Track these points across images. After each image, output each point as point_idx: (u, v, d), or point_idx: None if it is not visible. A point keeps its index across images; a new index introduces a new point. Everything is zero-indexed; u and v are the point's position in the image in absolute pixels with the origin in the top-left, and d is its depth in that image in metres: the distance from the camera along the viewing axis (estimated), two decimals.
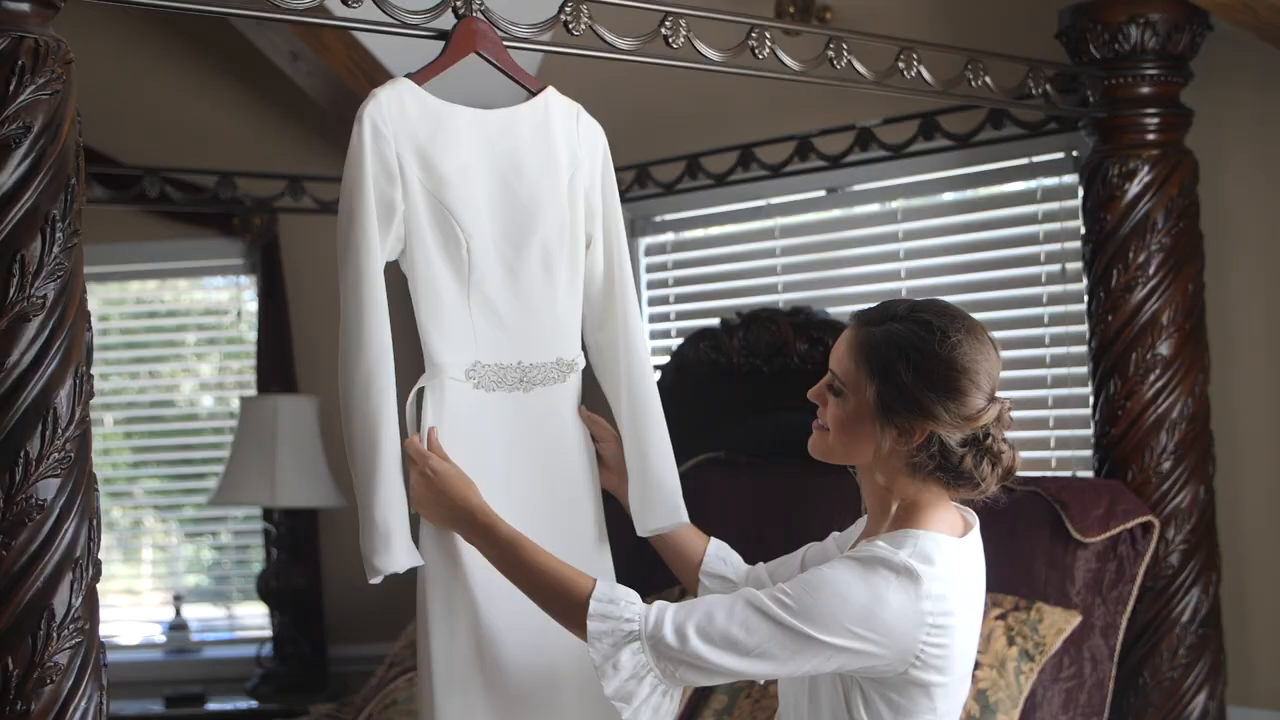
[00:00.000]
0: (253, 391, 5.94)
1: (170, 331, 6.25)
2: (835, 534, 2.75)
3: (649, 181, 4.98)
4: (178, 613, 6.03)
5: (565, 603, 2.42)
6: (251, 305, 6.10)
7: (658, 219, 5.16)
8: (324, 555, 5.85)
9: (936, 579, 2.34)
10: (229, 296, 6.28)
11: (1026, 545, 3.55)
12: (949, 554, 2.39)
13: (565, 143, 2.76)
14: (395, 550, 2.56)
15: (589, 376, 2.85)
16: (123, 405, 6.14)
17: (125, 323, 6.12)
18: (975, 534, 2.49)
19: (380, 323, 2.55)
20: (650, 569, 4.05)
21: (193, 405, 6.27)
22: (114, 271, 5.90)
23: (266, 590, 5.64)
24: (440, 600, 2.63)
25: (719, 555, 2.83)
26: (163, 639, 6.06)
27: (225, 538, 6.25)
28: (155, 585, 6.26)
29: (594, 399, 2.87)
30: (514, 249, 2.68)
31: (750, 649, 2.32)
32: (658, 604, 2.38)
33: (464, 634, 2.62)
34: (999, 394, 2.43)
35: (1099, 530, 3.54)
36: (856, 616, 2.30)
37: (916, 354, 2.39)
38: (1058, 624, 3.42)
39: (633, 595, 2.40)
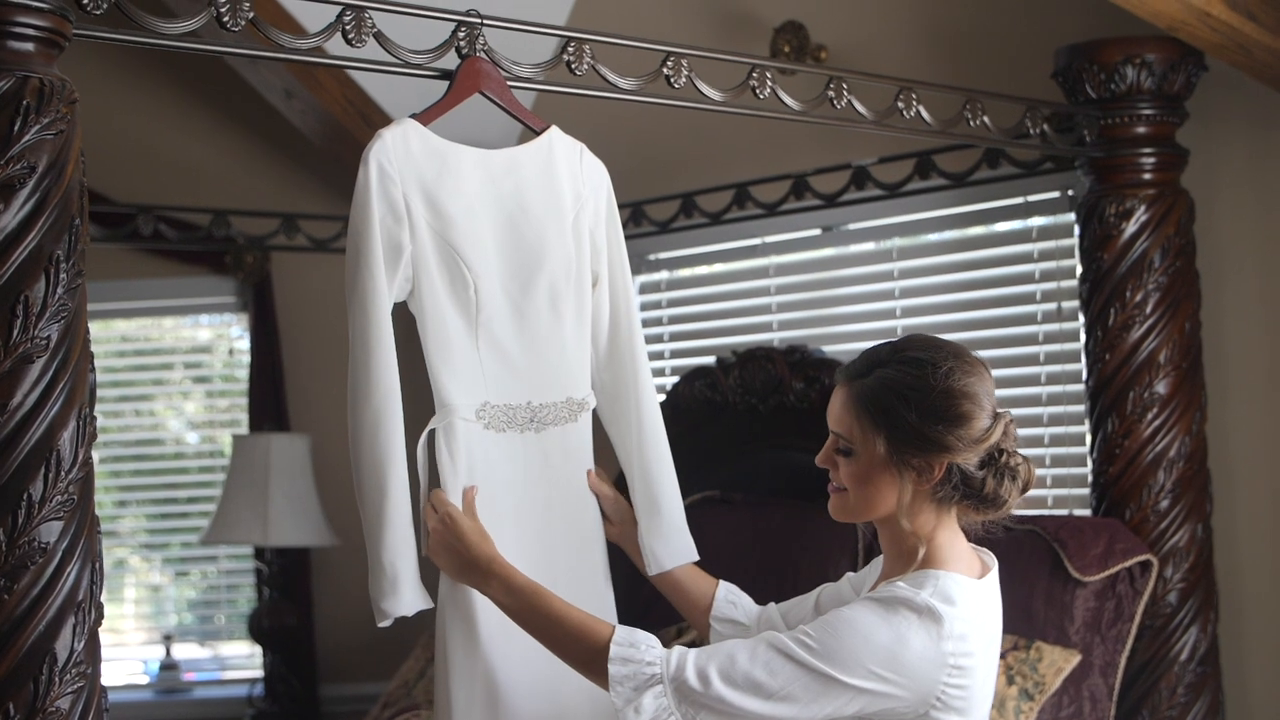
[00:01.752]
0: (239, 429, 5.93)
1: (156, 370, 6.23)
2: (850, 575, 2.74)
3: (644, 220, 4.98)
4: (168, 652, 5.99)
5: (585, 649, 2.41)
6: (238, 343, 6.09)
7: (652, 257, 5.16)
8: (316, 594, 5.82)
9: (959, 619, 2.34)
10: (215, 335, 6.27)
11: (1025, 584, 3.54)
12: (969, 595, 2.39)
13: (570, 181, 2.77)
14: (403, 594, 2.55)
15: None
16: (106, 443, 6.10)
17: (110, 360, 6.09)
18: (993, 576, 2.49)
19: (389, 365, 2.55)
20: (646, 608, 4.04)
21: (179, 443, 6.24)
22: (105, 309, 5.88)
23: (258, 629, 5.60)
24: (460, 644, 2.61)
25: (729, 599, 2.82)
26: (145, 679, 6.02)
27: (212, 576, 6.21)
28: (138, 625, 6.23)
29: (597, 437, 2.87)
30: (521, 289, 2.68)
31: (773, 691, 2.31)
32: (678, 648, 2.37)
33: (481, 679, 2.61)
34: (999, 410, 2.45)
35: (1097, 569, 3.54)
36: (879, 658, 2.30)
37: (914, 392, 2.40)
38: (1057, 663, 3.42)
39: (652, 639, 2.39)
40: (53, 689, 2.15)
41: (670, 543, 2.87)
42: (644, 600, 4.03)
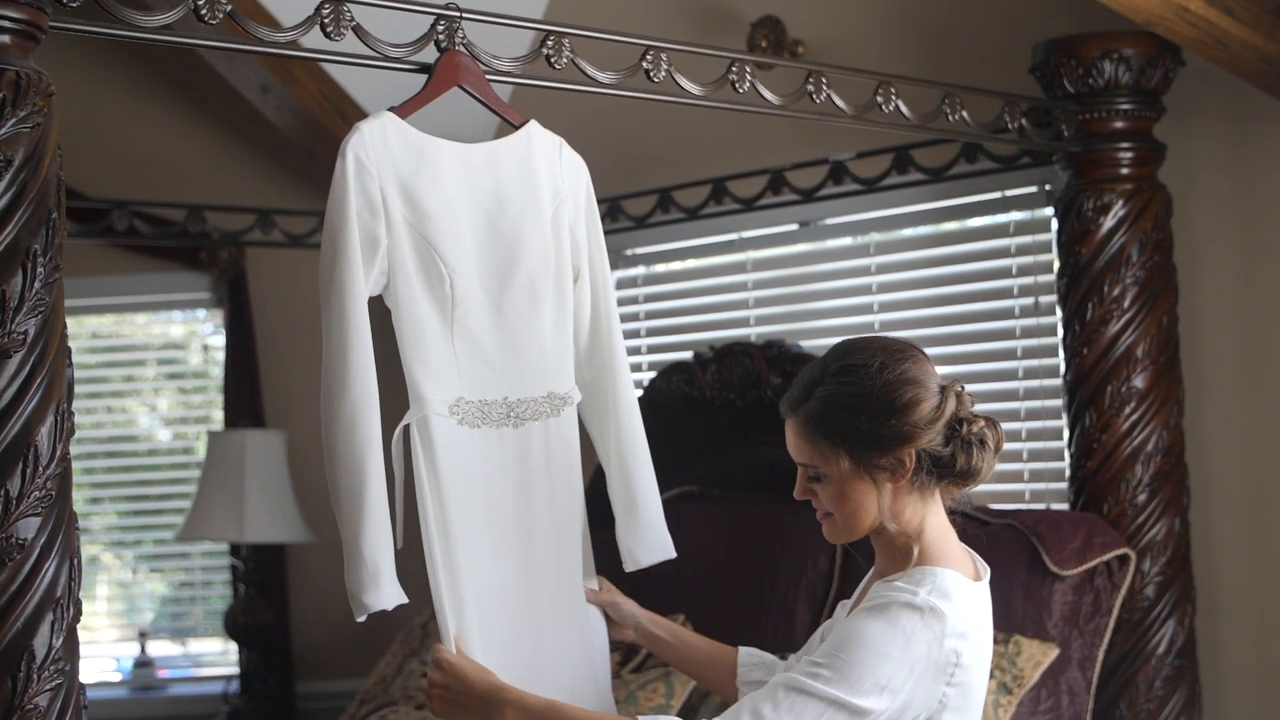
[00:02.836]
0: (212, 426, 5.91)
1: (128, 366, 6.21)
2: (844, 603, 2.72)
3: (621, 215, 4.97)
4: (143, 649, 5.97)
5: None
6: (212, 339, 6.07)
7: (629, 253, 5.15)
8: (292, 590, 5.80)
9: (958, 616, 2.33)
10: (188, 331, 6.24)
11: (1004, 579, 3.54)
12: (964, 593, 2.38)
13: (549, 176, 2.76)
14: (383, 587, 2.53)
15: None
16: (78, 440, 6.07)
17: (82, 357, 6.06)
18: (986, 584, 2.47)
19: (365, 358, 2.53)
20: None
21: (151, 440, 6.22)
22: (76, 306, 5.85)
23: (234, 626, 5.59)
24: (452, 624, 2.60)
25: (751, 661, 2.78)
26: (118, 676, 6.00)
27: (185, 574, 6.18)
28: (111, 622, 6.20)
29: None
30: (498, 284, 2.67)
31: None
32: None
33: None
34: (944, 384, 2.44)
35: (1076, 563, 3.54)
36: (891, 669, 2.28)
37: (858, 399, 2.39)
38: (1035, 657, 3.42)
39: None
40: (31, 686, 2.13)
41: (647, 540, 2.88)
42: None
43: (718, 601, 4.02)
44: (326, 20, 2.59)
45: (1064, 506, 3.94)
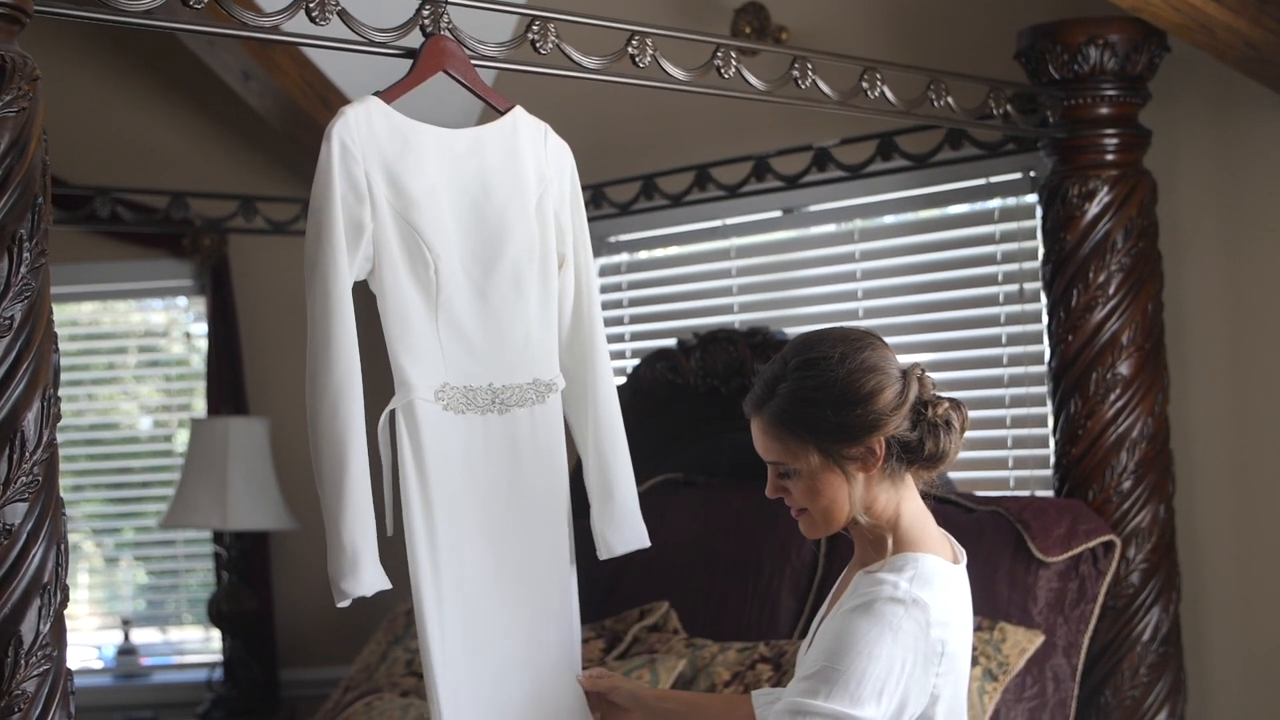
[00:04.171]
0: (194, 414, 5.89)
1: (109, 354, 6.19)
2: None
3: (604, 202, 4.97)
4: (126, 637, 5.96)
5: None
6: (191, 327, 6.06)
7: (612, 239, 5.15)
8: (276, 578, 5.80)
9: (941, 605, 2.33)
10: (169, 319, 6.22)
11: (988, 565, 3.55)
12: (946, 578, 2.38)
13: (534, 163, 2.75)
14: (363, 573, 2.53)
15: None
16: (60, 428, 6.02)
17: (63, 345, 5.98)
18: (963, 568, 2.47)
19: (348, 343, 2.53)
20: (608, 591, 4.04)
21: (132, 428, 6.20)
22: (60, 293, 5.81)
23: (217, 613, 5.58)
24: (434, 610, 2.60)
25: (766, 701, 2.72)
26: (100, 664, 5.99)
27: (167, 561, 6.17)
28: (91, 610, 6.18)
29: None
30: (483, 270, 2.67)
31: None
32: None
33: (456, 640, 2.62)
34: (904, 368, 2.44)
35: (1061, 550, 3.55)
36: (883, 669, 2.27)
37: (820, 391, 2.39)
38: (1020, 644, 3.42)
39: None
40: (19, 672, 2.12)
41: (622, 529, 2.88)
42: (605, 585, 4.03)
43: (702, 589, 4.01)
44: (311, 4, 2.57)
45: (1049, 493, 3.95)
